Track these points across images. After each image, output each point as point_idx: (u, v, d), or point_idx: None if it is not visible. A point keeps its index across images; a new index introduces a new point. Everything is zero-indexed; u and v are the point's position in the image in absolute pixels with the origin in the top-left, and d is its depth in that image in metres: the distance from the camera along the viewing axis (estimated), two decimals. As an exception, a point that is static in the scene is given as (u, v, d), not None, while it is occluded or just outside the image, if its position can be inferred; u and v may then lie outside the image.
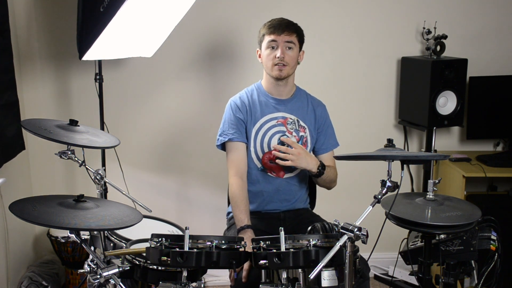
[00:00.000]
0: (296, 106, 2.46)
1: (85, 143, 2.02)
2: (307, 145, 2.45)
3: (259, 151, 2.41)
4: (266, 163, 2.41)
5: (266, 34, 2.37)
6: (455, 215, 1.94)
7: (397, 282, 3.22)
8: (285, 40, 2.34)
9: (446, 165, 3.21)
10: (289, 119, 2.43)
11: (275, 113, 2.43)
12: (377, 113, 3.38)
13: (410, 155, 2.02)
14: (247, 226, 2.23)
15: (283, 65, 2.34)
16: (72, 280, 3.08)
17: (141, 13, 2.51)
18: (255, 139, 2.41)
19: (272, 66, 2.35)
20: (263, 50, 2.39)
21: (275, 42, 2.34)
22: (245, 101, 2.44)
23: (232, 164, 2.38)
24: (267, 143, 2.40)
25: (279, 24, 2.35)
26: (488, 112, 3.29)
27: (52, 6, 3.08)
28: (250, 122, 2.41)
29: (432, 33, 3.17)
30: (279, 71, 2.35)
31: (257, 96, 2.45)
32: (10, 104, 2.71)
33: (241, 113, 2.41)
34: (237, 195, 2.31)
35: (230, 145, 2.40)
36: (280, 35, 2.33)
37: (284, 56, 2.33)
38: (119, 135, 2.36)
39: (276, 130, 2.41)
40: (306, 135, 2.45)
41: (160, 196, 3.34)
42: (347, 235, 1.60)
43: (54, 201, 1.72)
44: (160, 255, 1.69)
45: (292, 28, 2.37)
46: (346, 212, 2.44)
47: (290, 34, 2.35)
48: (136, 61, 3.16)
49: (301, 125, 2.45)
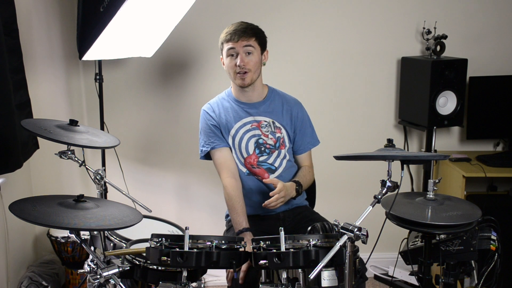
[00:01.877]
0: (270, 108, 2.43)
1: (85, 143, 2.02)
2: (285, 145, 2.43)
3: (240, 156, 2.40)
4: (249, 168, 2.40)
5: (224, 42, 2.32)
6: (455, 214, 1.94)
7: (397, 282, 3.22)
8: (243, 45, 2.29)
9: (446, 165, 3.21)
10: (263, 122, 2.41)
11: (248, 117, 2.41)
12: (377, 113, 3.38)
13: (410, 155, 2.02)
14: (245, 229, 2.23)
15: (244, 72, 2.30)
16: (72, 280, 3.08)
17: (141, 13, 2.51)
18: (233, 145, 2.40)
19: (235, 74, 2.32)
20: (224, 58, 2.35)
21: (233, 50, 2.29)
22: (216, 109, 2.42)
23: (221, 166, 2.38)
24: (245, 148, 2.39)
25: (235, 30, 2.29)
26: (488, 112, 3.29)
27: (52, 6, 3.07)
28: (224, 129, 2.40)
29: (432, 33, 3.17)
30: (241, 80, 2.32)
31: (228, 103, 2.43)
32: (23, 103, 2.72)
33: (213, 120, 2.40)
34: (232, 197, 2.30)
35: (214, 152, 2.40)
36: (238, 41, 2.28)
37: (245, 63, 2.29)
38: (119, 135, 2.36)
39: (251, 134, 2.40)
40: (283, 136, 2.43)
41: (160, 196, 3.34)
42: (347, 235, 1.60)
43: (54, 201, 1.72)
44: (160, 255, 1.69)
45: (249, 32, 2.30)
46: (346, 212, 2.44)
47: (248, 39, 2.29)
48: (136, 61, 3.16)
49: (276, 126, 2.42)
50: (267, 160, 2.41)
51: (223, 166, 2.38)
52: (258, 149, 2.40)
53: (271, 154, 2.41)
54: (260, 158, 2.40)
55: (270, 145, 2.40)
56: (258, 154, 2.40)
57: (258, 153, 2.40)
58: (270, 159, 2.41)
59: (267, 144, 2.40)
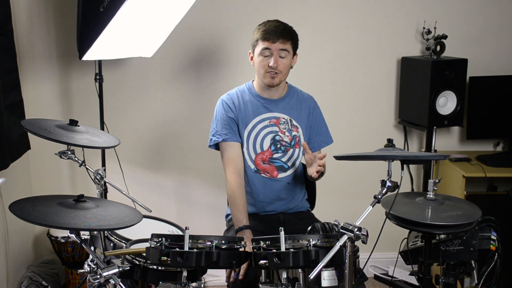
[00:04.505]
0: (288, 106, 2.44)
1: (85, 143, 2.01)
2: (300, 144, 2.44)
3: (252, 152, 2.40)
4: (259, 164, 2.40)
5: (260, 40, 2.30)
6: (455, 214, 1.94)
7: (397, 282, 3.22)
8: (279, 48, 2.28)
9: (446, 165, 3.21)
10: (282, 119, 2.41)
11: (267, 113, 2.41)
12: (377, 113, 3.38)
13: (410, 155, 2.02)
14: (245, 226, 2.23)
15: (275, 73, 2.30)
16: (72, 280, 3.08)
17: (141, 13, 2.51)
18: (248, 140, 2.39)
19: (265, 73, 2.31)
20: (256, 55, 2.33)
21: (268, 50, 2.28)
22: (236, 101, 2.41)
23: (228, 162, 2.37)
24: (260, 144, 2.39)
25: (274, 31, 2.27)
26: (488, 112, 3.29)
27: (52, 6, 3.08)
28: (242, 123, 2.39)
29: (432, 33, 3.17)
30: (271, 79, 2.32)
31: (248, 97, 2.42)
32: (15, 104, 2.71)
33: (232, 113, 2.39)
34: (235, 193, 2.30)
35: (224, 145, 2.39)
36: (275, 42, 2.27)
37: (278, 65, 2.29)
38: (119, 135, 2.36)
39: (269, 130, 2.40)
40: (299, 134, 2.44)
41: (160, 196, 3.34)
42: (347, 235, 1.60)
43: (54, 201, 1.72)
44: (160, 255, 1.69)
45: (287, 35, 2.30)
46: (346, 212, 2.44)
47: (285, 42, 2.29)
48: (136, 61, 3.16)
49: (293, 125, 2.43)
50: (281, 158, 2.41)
51: (231, 162, 2.37)
52: (274, 145, 2.39)
53: (286, 152, 2.41)
54: (275, 155, 2.40)
55: (286, 143, 2.41)
56: (273, 150, 2.40)
57: (273, 149, 2.40)
58: (284, 157, 2.41)
59: (283, 141, 2.40)
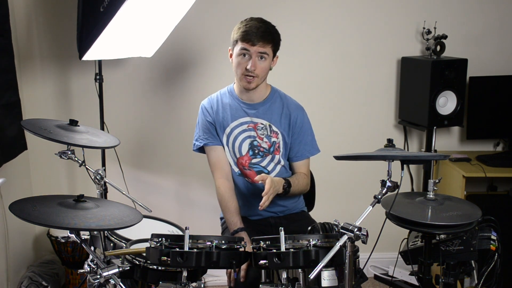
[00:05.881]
0: (269, 111, 2.35)
1: (85, 143, 2.01)
2: (280, 150, 2.37)
3: (233, 155, 2.37)
4: (241, 169, 2.38)
5: (239, 40, 2.20)
6: (455, 214, 1.94)
7: (397, 282, 3.21)
8: (258, 51, 2.19)
9: (446, 165, 3.21)
10: (260, 124, 2.35)
11: (245, 117, 2.35)
12: (377, 113, 3.38)
13: (410, 155, 2.02)
14: (240, 229, 2.22)
15: (252, 77, 2.22)
16: (72, 280, 3.08)
17: (141, 13, 2.51)
18: (227, 143, 2.36)
19: (242, 75, 2.23)
20: (234, 55, 2.24)
21: (247, 52, 2.19)
22: (214, 105, 2.38)
23: (214, 167, 2.37)
24: (238, 148, 2.36)
25: (255, 33, 2.17)
26: (488, 112, 3.29)
27: (52, 6, 3.08)
28: (219, 126, 2.36)
29: (432, 33, 3.17)
30: (247, 83, 2.24)
31: (229, 99, 2.37)
32: (11, 104, 2.71)
33: (210, 117, 2.37)
34: (225, 198, 2.29)
35: (207, 150, 2.38)
36: (254, 45, 2.17)
37: (255, 68, 2.20)
38: (119, 135, 2.36)
39: (246, 135, 2.35)
40: (279, 141, 2.36)
41: (160, 196, 3.34)
42: (347, 235, 1.60)
43: (54, 201, 1.72)
44: (160, 255, 1.69)
45: (268, 38, 2.19)
46: (346, 212, 2.44)
47: (265, 46, 2.19)
48: (136, 61, 3.16)
49: (273, 130, 2.35)
50: (260, 163, 2.37)
51: (217, 167, 2.36)
52: (252, 151, 2.35)
53: (264, 157, 2.37)
54: (253, 160, 2.36)
55: (264, 149, 2.36)
56: (252, 155, 2.36)
57: (251, 154, 2.36)
58: (263, 162, 2.37)
59: (261, 147, 2.35)
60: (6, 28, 2.62)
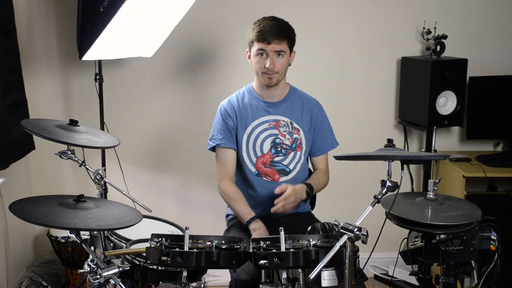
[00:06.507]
0: (289, 108, 2.41)
1: (85, 143, 2.01)
2: (302, 147, 2.41)
3: (252, 155, 2.38)
4: (260, 168, 2.38)
5: (255, 41, 2.26)
6: (456, 214, 1.94)
7: (397, 282, 3.21)
8: (275, 49, 2.24)
9: (446, 165, 3.21)
10: (282, 122, 2.39)
11: (266, 116, 2.39)
12: (377, 113, 3.38)
13: (410, 155, 2.02)
14: (255, 217, 2.23)
15: (272, 73, 2.28)
16: (72, 280, 3.08)
17: (141, 13, 2.51)
18: (247, 143, 2.38)
19: (262, 74, 2.30)
20: (252, 56, 2.31)
21: (263, 51, 2.25)
22: (235, 105, 2.40)
23: (220, 169, 2.39)
24: (260, 147, 2.38)
25: (269, 31, 2.22)
26: (488, 112, 3.29)
27: (52, 6, 3.08)
28: (241, 126, 2.38)
29: (432, 33, 3.17)
30: (269, 79, 2.30)
31: (248, 99, 2.41)
32: (18, 104, 2.70)
33: (230, 119, 2.38)
34: (233, 192, 2.32)
35: (218, 151, 2.40)
36: (270, 43, 2.23)
37: (274, 65, 2.26)
38: (119, 135, 2.36)
39: (268, 133, 2.38)
40: (301, 137, 2.41)
41: (160, 196, 3.34)
42: (347, 235, 1.60)
43: (54, 201, 1.72)
44: (160, 255, 1.69)
45: (282, 35, 2.25)
46: (346, 212, 2.44)
47: (280, 42, 2.24)
48: (136, 61, 3.16)
49: (294, 127, 2.40)
50: (283, 161, 2.39)
51: (223, 169, 2.38)
52: (274, 148, 2.38)
53: (287, 155, 2.39)
54: (275, 159, 2.38)
55: (287, 146, 2.39)
56: (274, 154, 2.38)
57: (273, 153, 2.38)
58: (286, 160, 2.39)
59: (284, 144, 2.38)
60: (10, 28, 2.62)
